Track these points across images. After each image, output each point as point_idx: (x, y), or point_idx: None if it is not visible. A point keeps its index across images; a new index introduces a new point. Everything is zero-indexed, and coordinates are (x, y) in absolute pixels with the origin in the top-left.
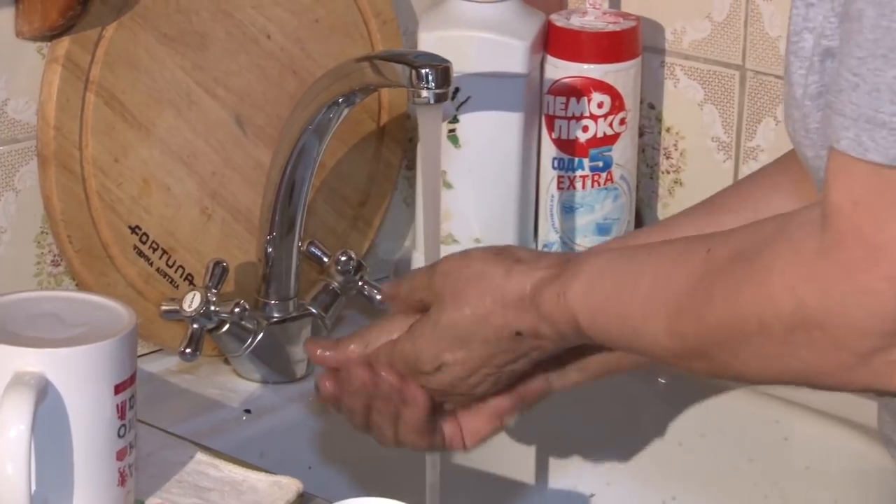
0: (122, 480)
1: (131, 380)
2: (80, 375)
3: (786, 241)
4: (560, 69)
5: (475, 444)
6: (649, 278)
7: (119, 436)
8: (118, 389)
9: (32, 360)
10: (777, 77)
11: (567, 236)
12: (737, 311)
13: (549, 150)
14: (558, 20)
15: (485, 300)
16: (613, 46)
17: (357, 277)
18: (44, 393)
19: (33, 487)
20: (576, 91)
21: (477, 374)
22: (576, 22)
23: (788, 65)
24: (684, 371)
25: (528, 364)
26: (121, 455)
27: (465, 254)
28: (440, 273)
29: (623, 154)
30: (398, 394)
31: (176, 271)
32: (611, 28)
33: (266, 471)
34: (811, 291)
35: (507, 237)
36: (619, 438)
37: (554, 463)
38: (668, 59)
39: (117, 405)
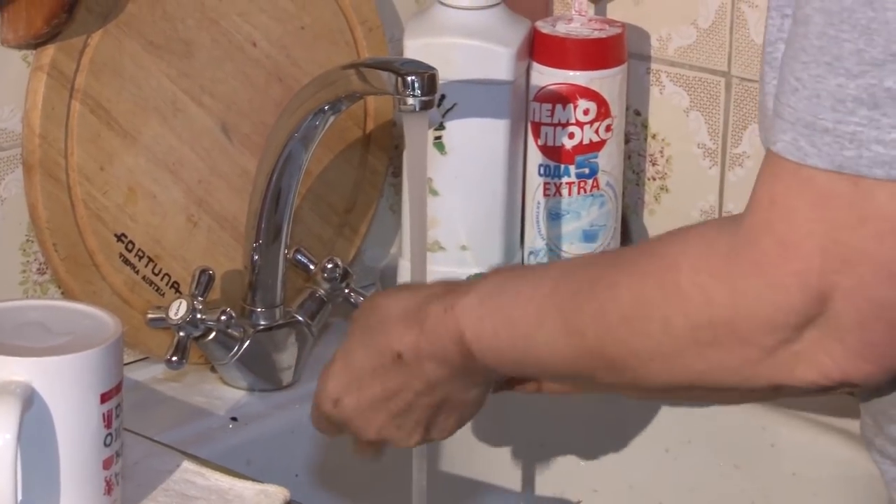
0: (109, 489)
1: (117, 388)
2: (66, 384)
3: (697, 239)
4: (546, 76)
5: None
6: (549, 283)
7: (105, 444)
8: (104, 398)
9: (18, 369)
10: None
11: (553, 243)
12: (641, 306)
13: (535, 157)
14: (544, 27)
15: (370, 321)
16: (599, 53)
17: (343, 285)
18: (30, 402)
19: (19, 496)
20: (562, 98)
21: (376, 411)
22: (561, 29)
23: (763, 75)
24: (578, 385)
25: (427, 403)
26: (107, 464)
27: (388, 292)
28: (357, 311)
29: (609, 161)
30: None
31: (162, 279)
32: (596, 35)
33: (253, 479)
34: (721, 288)
35: (494, 244)
36: (605, 445)
37: (541, 469)
38: (653, 66)
39: (103, 414)
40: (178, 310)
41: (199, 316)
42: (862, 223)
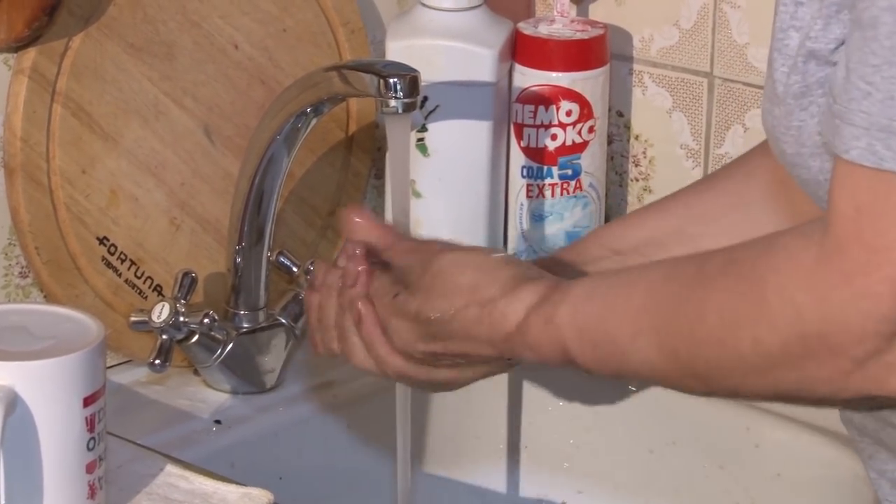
0: (92, 493)
1: (100, 392)
2: (48, 388)
3: (782, 252)
4: (528, 77)
5: None
6: (639, 297)
7: (88, 448)
8: (87, 402)
9: (1, 374)
10: (745, 84)
11: (536, 244)
12: (730, 325)
13: (517, 159)
14: (526, 28)
15: (474, 328)
16: (581, 54)
17: None
18: (13, 406)
19: (2, 500)
20: (544, 99)
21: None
22: (543, 30)
23: (772, 61)
24: (679, 390)
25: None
26: (90, 468)
27: (459, 257)
28: (433, 272)
29: (592, 162)
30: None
31: (145, 282)
32: (578, 36)
33: (236, 482)
34: (810, 300)
35: (481, 241)
36: (589, 446)
37: (525, 470)
38: (636, 67)
39: (86, 418)
40: (161, 313)
41: (181, 319)
42: None
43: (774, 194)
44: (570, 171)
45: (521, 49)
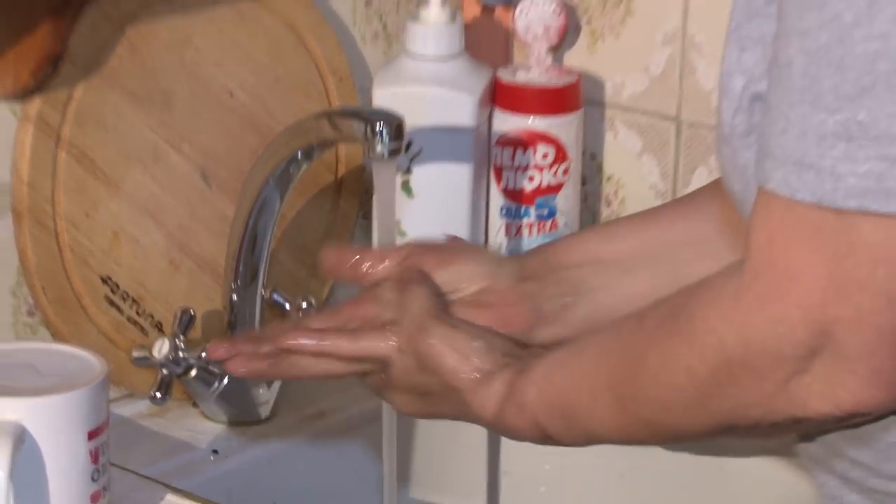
0: None
1: (104, 426)
2: (55, 423)
3: (708, 289)
4: (507, 122)
5: None
6: (591, 361)
7: (93, 480)
8: (91, 435)
9: (10, 410)
10: (710, 128)
11: None
12: (667, 363)
13: (497, 200)
14: (505, 75)
15: (460, 410)
16: (557, 100)
17: None
18: (21, 440)
19: None
20: (522, 143)
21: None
22: (521, 77)
23: (719, 103)
24: (636, 443)
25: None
26: (95, 498)
27: (446, 335)
28: (424, 348)
29: (567, 202)
30: None
31: (146, 319)
32: (554, 83)
33: None
34: (731, 328)
35: None
36: (564, 471)
37: (504, 496)
38: (608, 112)
39: (91, 451)
40: (161, 349)
41: (181, 354)
42: (852, 253)
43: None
44: (546, 211)
45: (499, 95)
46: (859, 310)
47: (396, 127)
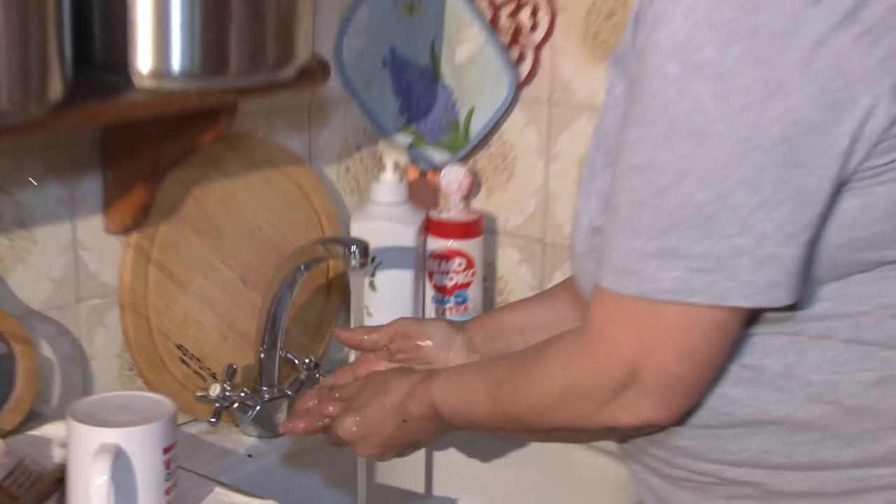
0: None
1: (174, 445)
2: (140, 444)
3: (560, 340)
4: (436, 244)
5: None
6: (480, 377)
7: (166, 480)
8: (165, 451)
9: (111, 436)
10: (564, 247)
11: None
12: (528, 383)
13: (429, 292)
14: (433, 214)
15: (383, 394)
16: (467, 230)
17: (315, 372)
18: (118, 456)
19: None
20: (445, 256)
21: (378, 446)
22: (444, 215)
23: (572, 232)
24: (506, 433)
25: (407, 444)
26: (168, 491)
27: (387, 372)
28: (374, 381)
29: (474, 293)
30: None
31: (205, 372)
32: (465, 219)
33: (259, 496)
34: (570, 368)
35: None
36: (483, 476)
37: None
38: (499, 237)
39: (165, 461)
40: (215, 390)
41: (227, 394)
42: (657, 327)
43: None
44: (461, 299)
45: (431, 227)
46: (657, 362)
47: (364, 249)
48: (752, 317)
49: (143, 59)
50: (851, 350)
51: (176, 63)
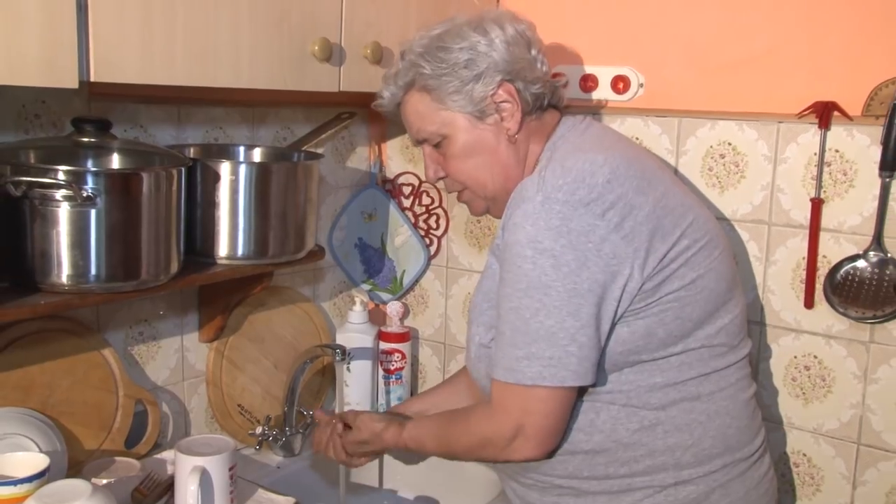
0: (233, 500)
1: (234, 465)
2: (216, 466)
3: (479, 408)
4: (384, 345)
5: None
6: (428, 430)
7: (230, 487)
8: (230, 469)
9: (199, 461)
10: (457, 348)
11: (389, 404)
12: (458, 434)
13: (380, 372)
14: (383, 328)
15: (367, 432)
16: (402, 337)
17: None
18: (203, 473)
19: None
20: (390, 354)
21: (361, 456)
22: (389, 329)
23: (467, 346)
24: (447, 458)
25: (377, 453)
26: (231, 492)
27: (366, 416)
28: (357, 423)
29: (406, 374)
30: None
31: (253, 419)
32: (400, 331)
33: (285, 495)
34: (485, 426)
35: (368, 403)
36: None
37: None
38: (420, 341)
39: (230, 475)
40: (259, 430)
41: (266, 432)
42: (531, 401)
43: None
44: (398, 377)
45: (382, 336)
46: (532, 420)
47: (343, 350)
48: None
49: (221, 249)
50: (624, 410)
51: (240, 251)
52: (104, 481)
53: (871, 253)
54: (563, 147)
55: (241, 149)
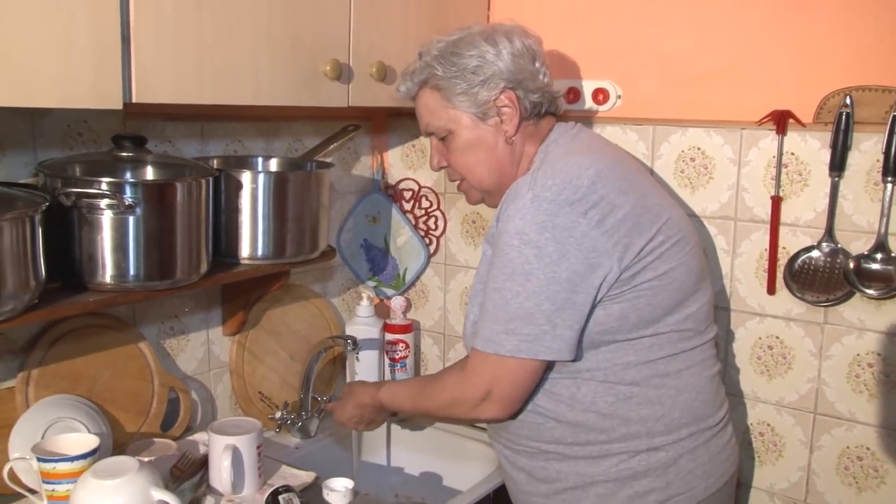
0: (261, 476)
1: (262, 444)
2: (245, 445)
3: (452, 370)
4: (389, 336)
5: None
6: (406, 389)
7: (258, 463)
8: (258, 447)
9: (230, 441)
10: (456, 337)
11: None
12: (432, 393)
13: (386, 361)
14: (388, 321)
15: (354, 396)
16: (405, 329)
17: (328, 400)
18: (233, 450)
19: (232, 480)
20: (395, 344)
21: (356, 420)
22: (393, 321)
23: (464, 325)
24: (424, 417)
25: (371, 420)
26: (259, 468)
27: (356, 383)
28: (343, 387)
29: (409, 362)
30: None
31: (274, 404)
32: (403, 322)
33: (304, 469)
34: (458, 387)
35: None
36: (404, 443)
37: (393, 459)
38: (422, 332)
39: (258, 453)
40: (278, 414)
41: (284, 416)
42: (502, 368)
43: None
44: (402, 364)
45: (387, 328)
46: (500, 387)
47: (354, 340)
48: (551, 367)
49: (244, 250)
50: (602, 385)
51: (260, 252)
52: (146, 459)
53: (824, 244)
54: (555, 150)
55: (259, 159)
